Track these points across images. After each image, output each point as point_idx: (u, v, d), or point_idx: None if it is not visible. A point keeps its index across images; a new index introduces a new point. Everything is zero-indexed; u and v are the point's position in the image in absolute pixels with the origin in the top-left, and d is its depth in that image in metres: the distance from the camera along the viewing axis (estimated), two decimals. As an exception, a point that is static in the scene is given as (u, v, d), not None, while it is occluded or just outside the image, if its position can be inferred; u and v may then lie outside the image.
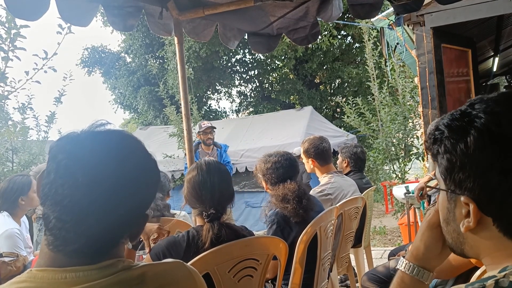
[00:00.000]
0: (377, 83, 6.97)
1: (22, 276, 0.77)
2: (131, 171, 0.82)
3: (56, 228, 0.77)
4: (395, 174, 6.58)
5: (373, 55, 7.01)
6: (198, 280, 0.92)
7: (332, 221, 2.31)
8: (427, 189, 2.64)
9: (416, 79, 5.27)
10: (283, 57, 14.19)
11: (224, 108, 24.22)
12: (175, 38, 3.04)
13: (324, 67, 14.75)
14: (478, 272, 1.36)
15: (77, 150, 0.80)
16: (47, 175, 0.79)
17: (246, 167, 7.33)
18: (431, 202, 3.06)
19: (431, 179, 2.70)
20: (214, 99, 17.47)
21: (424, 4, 3.44)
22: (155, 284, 0.83)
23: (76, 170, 0.77)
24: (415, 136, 6.79)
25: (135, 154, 0.86)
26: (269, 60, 15.05)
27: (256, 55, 14.95)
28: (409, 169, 6.70)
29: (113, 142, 0.84)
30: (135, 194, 0.83)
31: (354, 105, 7.21)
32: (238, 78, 16.57)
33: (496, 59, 7.89)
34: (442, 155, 0.74)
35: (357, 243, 3.27)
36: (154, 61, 11.95)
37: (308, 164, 2.96)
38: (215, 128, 5.06)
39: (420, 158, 6.40)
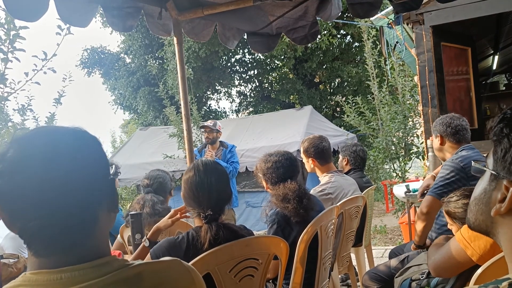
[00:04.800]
0: (377, 82, 6.96)
1: (17, 280, 0.76)
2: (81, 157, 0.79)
3: (32, 236, 0.76)
4: (396, 173, 6.58)
5: (372, 54, 7.01)
6: (196, 278, 0.91)
7: (333, 221, 2.31)
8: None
9: (416, 78, 5.27)
10: (282, 57, 14.19)
11: (224, 108, 24.24)
12: (175, 39, 3.05)
13: (324, 67, 14.73)
14: (479, 271, 1.36)
15: (26, 147, 0.77)
16: None
17: (246, 167, 7.33)
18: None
19: (434, 177, 2.69)
20: (214, 99, 17.47)
21: (423, 2, 3.44)
22: (152, 282, 0.82)
23: (28, 167, 0.75)
24: (415, 135, 6.79)
25: (80, 139, 0.83)
26: (269, 59, 15.05)
27: (255, 55, 14.94)
28: (409, 168, 6.70)
29: (58, 134, 0.82)
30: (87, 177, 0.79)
31: (354, 104, 7.21)
32: (238, 78, 16.56)
33: (496, 57, 7.89)
34: (506, 135, 0.71)
35: (357, 242, 3.27)
36: (154, 61, 11.91)
37: (308, 164, 2.95)
38: (206, 126, 4.82)
39: (420, 157, 6.40)
